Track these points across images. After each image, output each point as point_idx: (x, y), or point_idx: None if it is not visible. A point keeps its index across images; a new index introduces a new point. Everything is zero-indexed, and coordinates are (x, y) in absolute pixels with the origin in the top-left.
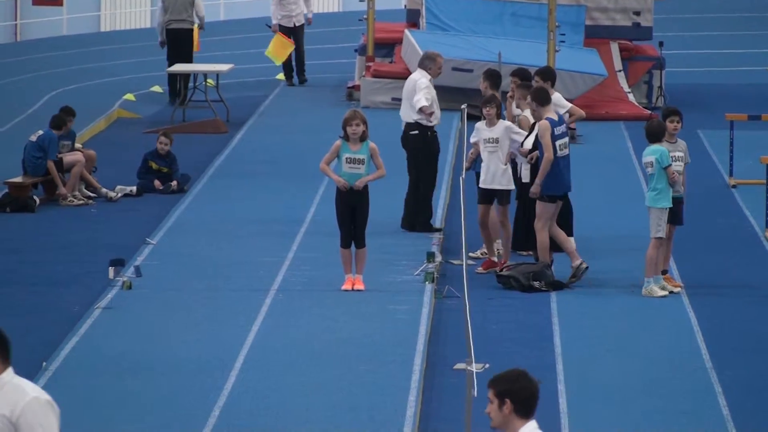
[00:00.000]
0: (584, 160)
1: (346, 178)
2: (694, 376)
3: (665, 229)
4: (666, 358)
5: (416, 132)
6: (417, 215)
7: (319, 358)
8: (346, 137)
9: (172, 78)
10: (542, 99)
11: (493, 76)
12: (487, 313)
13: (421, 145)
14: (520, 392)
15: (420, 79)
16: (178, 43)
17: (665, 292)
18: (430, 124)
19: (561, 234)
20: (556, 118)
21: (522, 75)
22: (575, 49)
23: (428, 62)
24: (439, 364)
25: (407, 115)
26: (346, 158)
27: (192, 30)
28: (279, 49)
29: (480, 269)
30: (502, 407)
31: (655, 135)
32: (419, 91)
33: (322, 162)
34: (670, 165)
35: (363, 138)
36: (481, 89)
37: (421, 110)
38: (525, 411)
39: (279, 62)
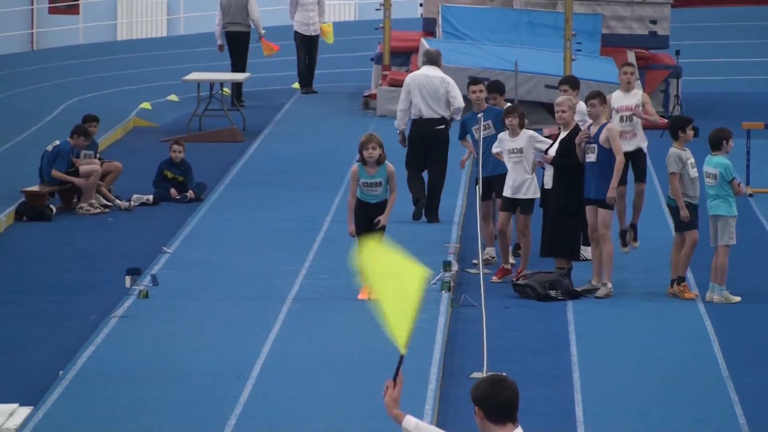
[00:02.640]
0: None
1: (363, 198)
2: (710, 385)
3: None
4: (682, 367)
5: (443, 126)
6: (437, 203)
7: (336, 367)
8: (362, 161)
9: (237, 85)
10: (603, 97)
11: (495, 87)
12: (503, 322)
13: (446, 139)
14: (487, 399)
15: (448, 78)
16: (235, 46)
17: (739, 298)
18: (458, 119)
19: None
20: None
21: (497, 86)
22: (591, 57)
23: (439, 57)
24: (456, 373)
25: (434, 111)
26: (363, 183)
27: (248, 33)
28: (268, 48)
29: (495, 278)
30: (476, 413)
31: (715, 143)
32: (456, 89)
33: (350, 196)
34: (735, 178)
35: (380, 161)
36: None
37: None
38: (497, 417)
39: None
